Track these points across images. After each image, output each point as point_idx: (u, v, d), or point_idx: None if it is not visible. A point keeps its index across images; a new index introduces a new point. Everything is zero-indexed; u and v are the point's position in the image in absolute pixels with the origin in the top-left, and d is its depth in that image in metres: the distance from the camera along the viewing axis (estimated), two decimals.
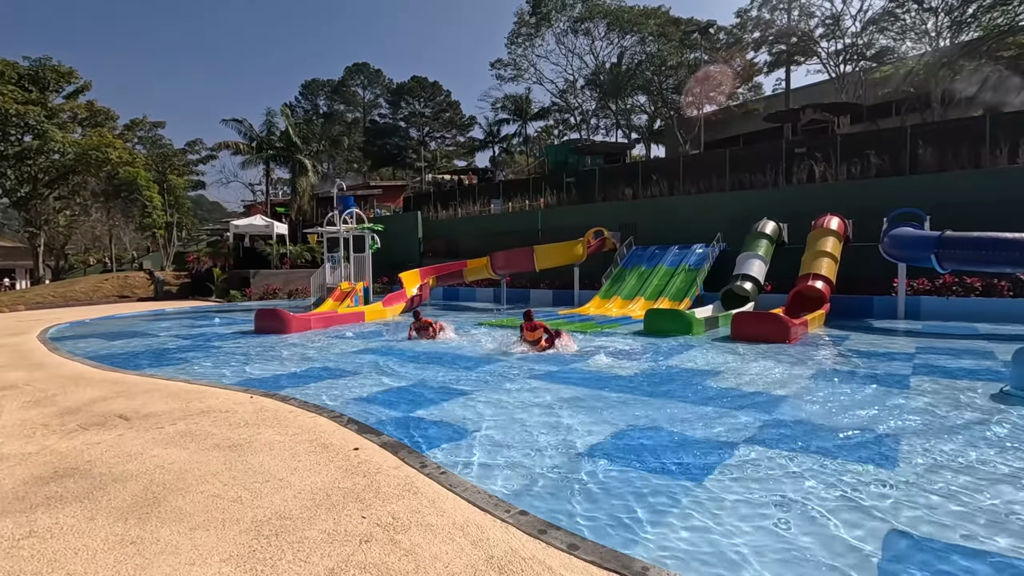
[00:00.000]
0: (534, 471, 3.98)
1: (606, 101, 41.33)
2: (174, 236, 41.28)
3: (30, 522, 3.19)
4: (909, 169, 16.43)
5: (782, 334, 9.88)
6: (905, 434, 4.73)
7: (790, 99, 32.03)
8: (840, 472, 3.89)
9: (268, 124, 35.51)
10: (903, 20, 29.20)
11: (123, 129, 37.70)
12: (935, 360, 8.07)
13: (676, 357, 8.64)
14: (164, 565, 2.70)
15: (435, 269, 19.29)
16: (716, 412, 5.49)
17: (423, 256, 25.53)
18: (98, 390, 6.61)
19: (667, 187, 21.10)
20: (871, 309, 13.78)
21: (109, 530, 3.07)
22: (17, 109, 28.49)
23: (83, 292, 24.10)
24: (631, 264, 17.63)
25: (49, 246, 36.35)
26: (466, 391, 6.50)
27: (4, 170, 31.44)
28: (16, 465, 4.13)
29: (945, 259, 11.14)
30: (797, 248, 14.58)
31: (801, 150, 18.68)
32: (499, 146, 47.81)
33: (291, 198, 36.62)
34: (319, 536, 2.95)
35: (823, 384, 6.67)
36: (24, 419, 5.40)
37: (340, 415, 5.32)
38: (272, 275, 25.45)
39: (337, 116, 62.34)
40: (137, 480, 3.78)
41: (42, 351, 9.98)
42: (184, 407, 5.69)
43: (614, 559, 2.68)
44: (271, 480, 3.72)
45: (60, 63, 32.57)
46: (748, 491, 3.60)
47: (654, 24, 36.87)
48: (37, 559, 2.78)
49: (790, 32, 32.59)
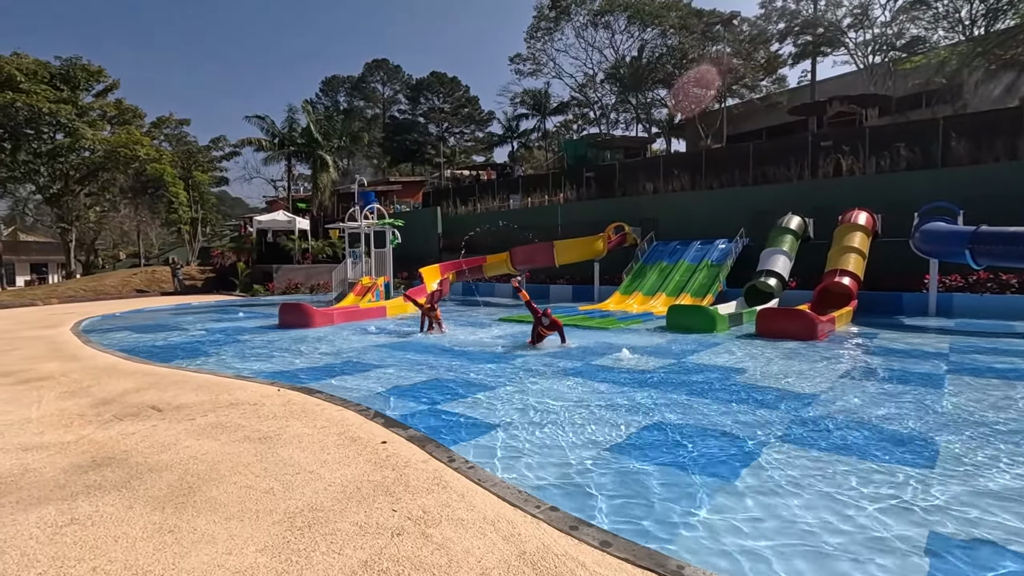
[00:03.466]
0: (561, 466, 3.96)
1: (626, 95, 40.94)
2: (199, 232, 42.06)
3: (71, 509, 3.27)
4: (941, 162, 15.96)
5: (808, 331, 9.70)
6: (941, 434, 4.60)
7: (816, 91, 31.36)
8: (872, 472, 3.80)
9: (290, 121, 35.97)
10: (935, 8, 28.36)
11: (150, 127, 38.47)
12: (970, 359, 7.84)
13: (699, 354, 8.54)
14: (202, 554, 2.75)
15: (455, 264, 19.33)
16: (742, 409, 5.40)
17: (442, 251, 25.62)
18: (130, 381, 6.76)
19: (688, 181, 20.82)
20: (901, 306, 13.45)
21: (147, 519, 3.13)
22: (50, 108, 29.22)
23: (113, 286, 24.72)
24: (652, 260, 17.46)
25: (80, 241, 37.32)
26: (490, 385, 6.51)
27: (38, 167, 32.32)
28: (56, 454, 4.24)
29: (980, 255, 10.82)
30: (823, 244, 14.27)
31: (827, 143, 18.25)
32: (518, 141, 47.72)
33: (312, 194, 37.05)
34: (351, 528, 2.97)
35: (852, 382, 6.53)
36: (61, 409, 5.55)
37: (367, 408, 5.36)
38: (294, 270, 25.79)
39: (357, 112, 62.78)
40: (172, 470, 3.85)
41: (76, 343, 10.25)
42: (214, 399, 5.79)
43: (648, 557, 2.65)
44: (302, 472, 3.77)
45: (90, 62, 33.34)
46: (777, 490, 3.53)
47: (675, 16, 36.39)
48: (79, 546, 2.85)
49: (817, 22, 31.87)
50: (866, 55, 31.44)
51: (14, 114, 28.80)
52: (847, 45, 32.15)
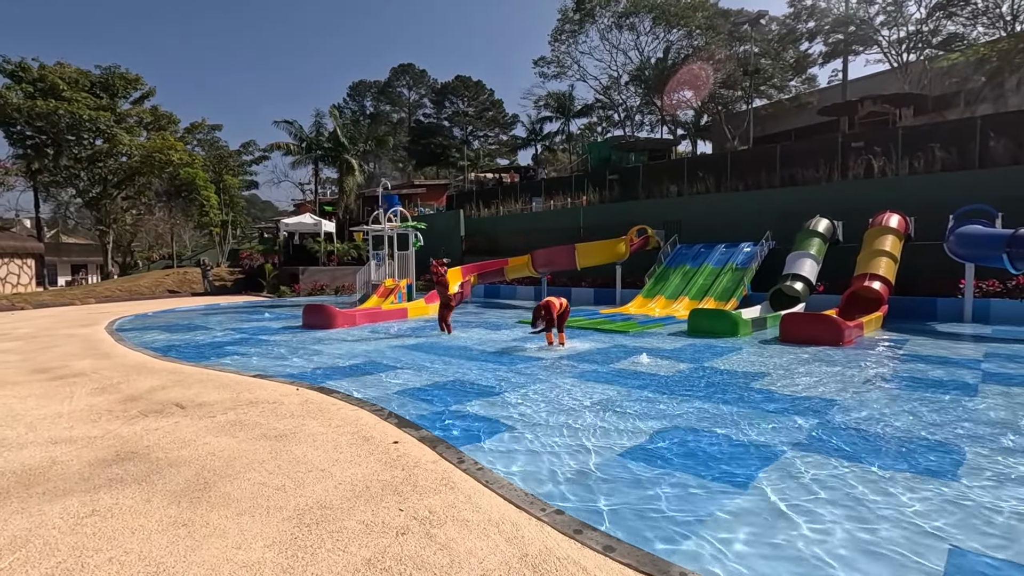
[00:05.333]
0: (572, 470, 3.94)
1: (651, 97, 40.56)
2: (229, 234, 43.17)
3: (93, 501, 3.39)
4: (979, 163, 15.39)
5: (835, 336, 9.44)
6: (972, 445, 4.42)
7: (847, 91, 30.58)
8: (897, 483, 3.68)
9: (317, 125, 36.72)
10: (975, 3, 27.37)
11: (184, 132, 39.70)
12: (1007, 367, 7.52)
13: (721, 358, 8.39)
14: (212, 547, 2.82)
15: (477, 267, 19.42)
16: (763, 415, 5.29)
17: (465, 254, 25.77)
18: (157, 379, 6.98)
19: (714, 183, 20.51)
20: (934, 312, 12.99)
21: (163, 512, 3.23)
22: (90, 115, 30.41)
23: (146, 287, 25.54)
24: (675, 263, 17.24)
25: (117, 243, 38.67)
26: (504, 387, 6.51)
27: (78, 172, 33.66)
28: (83, 448, 4.41)
29: (1019, 258, 10.40)
30: (852, 247, 13.89)
31: (859, 144, 17.78)
32: (541, 144, 47.71)
33: (338, 197, 37.70)
34: (357, 527, 3.01)
35: (879, 389, 6.33)
36: (91, 404, 5.76)
37: (381, 409, 5.43)
38: (320, 272, 26.25)
39: (383, 116, 63.74)
40: (190, 465, 3.96)
41: (109, 342, 10.63)
42: (235, 397, 5.94)
43: (651, 563, 2.62)
44: (313, 470, 3.83)
45: (127, 71, 34.59)
46: (796, 499, 3.45)
47: (702, 17, 35.90)
48: (98, 536, 2.96)
49: (848, 20, 31.11)
50: (900, 53, 30.54)
51: (57, 121, 30.06)
52: (880, 43, 31.28)
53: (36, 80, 30.46)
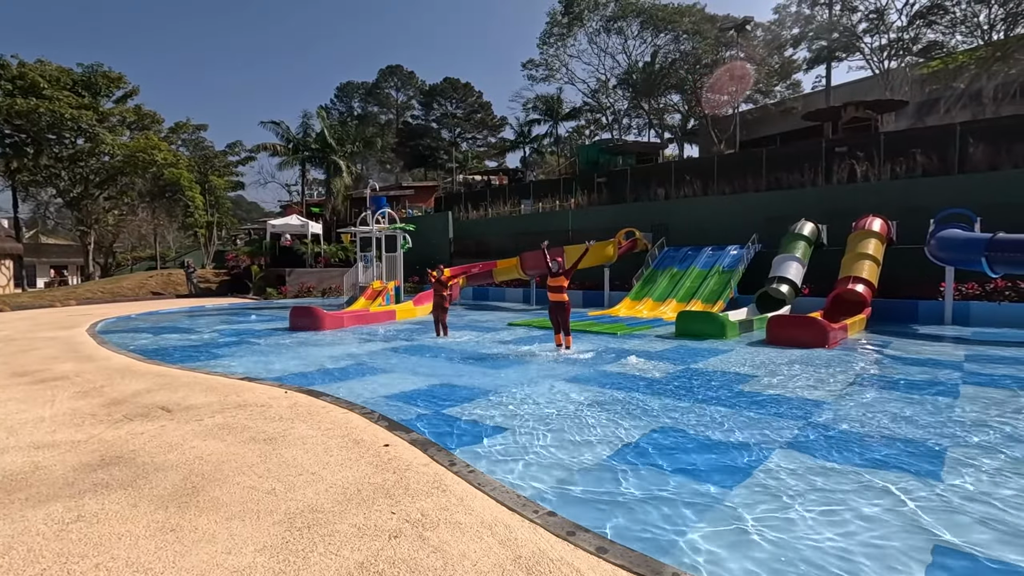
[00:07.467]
0: (562, 471, 3.96)
1: (639, 100, 40.89)
2: (214, 235, 42.64)
3: (78, 507, 3.33)
4: (958, 168, 15.71)
5: (820, 338, 9.58)
6: (953, 445, 4.51)
7: (831, 96, 31.07)
8: (880, 482, 3.75)
9: (304, 126, 36.42)
10: (953, 13, 27.98)
11: (168, 132, 39.16)
12: (987, 369, 7.68)
13: (708, 360, 8.47)
14: (202, 553, 2.78)
15: (465, 269, 19.40)
16: (749, 417, 5.35)
17: (453, 256, 25.72)
18: (142, 382, 6.87)
19: (701, 187, 20.71)
20: (916, 314, 13.23)
21: (151, 517, 3.18)
22: (72, 113, 29.88)
23: (129, 288, 25.14)
24: (663, 265, 17.38)
25: (99, 244, 38.02)
26: (495, 390, 6.51)
27: (59, 171, 33.06)
28: (66, 452, 4.32)
29: (997, 262, 10.63)
30: (836, 250, 14.11)
31: (842, 149, 18.06)
32: (530, 146, 47.79)
33: (326, 198, 37.44)
34: (349, 530, 2.99)
35: (862, 391, 6.43)
36: (74, 408, 5.65)
37: (371, 411, 5.40)
38: (307, 273, 26.03)
39: (371, 118, 63.38)
40: (177, 470, 3.91)
41: (91, 344, 10.44)
42: (222, 400, 5.87)
43: (644, 564, 2.64)
44: (304, 474, 3.80)
45: (110, 69, 34.05)
46: (781, 500, 3.49)
47: (689, 22, 36.32)
48: (84, 542, 2.90)
49: (831, 27, 31.63)
50: (882, 60, 31.10)
51: (37, 120, 29.48)
52: (862, 50, 31.83)
53: (15, 78, 29.83)
